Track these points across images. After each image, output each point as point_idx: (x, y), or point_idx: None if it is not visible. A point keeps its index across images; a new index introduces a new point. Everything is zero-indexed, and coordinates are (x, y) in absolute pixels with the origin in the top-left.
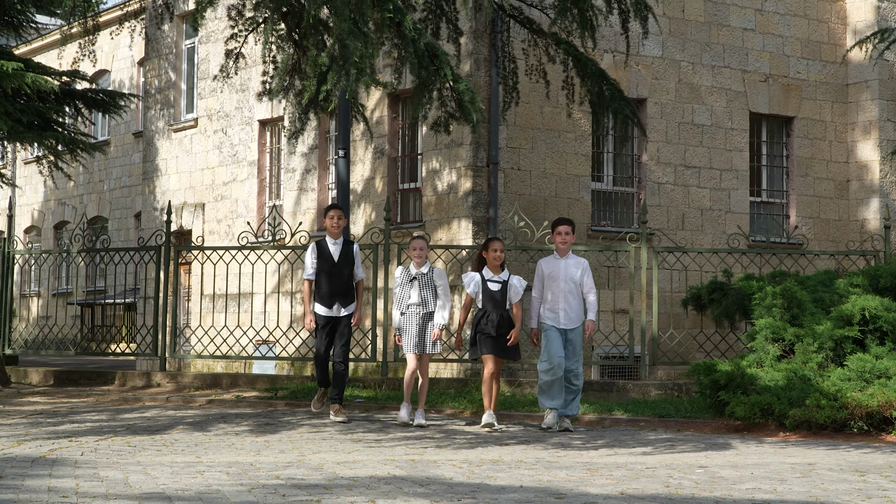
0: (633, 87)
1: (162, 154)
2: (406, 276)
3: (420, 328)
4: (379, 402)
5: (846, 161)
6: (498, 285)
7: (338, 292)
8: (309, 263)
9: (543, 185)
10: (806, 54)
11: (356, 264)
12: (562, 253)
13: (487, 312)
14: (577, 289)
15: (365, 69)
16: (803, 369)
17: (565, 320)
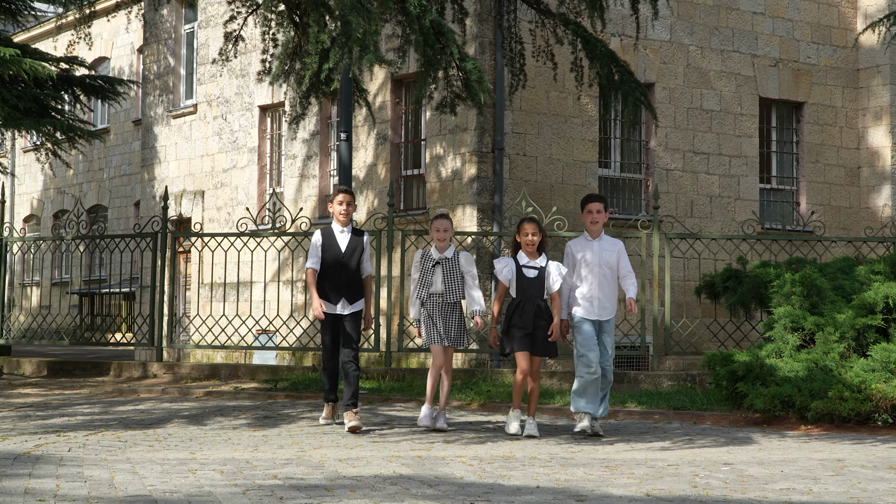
0: (640, 71)
1: (161, 141)
2: (428, 260)
3: (444, 320)
4: (382, 393)
5: (857, 147)
6: (534, 272)
7: (344, 287)
8: (315, 251)
9: (549, 172)
10: (816, 38)
11: (364, 258)
12: (593, 234)
13: (522, 303)
14: (613, 274)
15: (369, 46)
16: (824, 359)
17: (600, 310)
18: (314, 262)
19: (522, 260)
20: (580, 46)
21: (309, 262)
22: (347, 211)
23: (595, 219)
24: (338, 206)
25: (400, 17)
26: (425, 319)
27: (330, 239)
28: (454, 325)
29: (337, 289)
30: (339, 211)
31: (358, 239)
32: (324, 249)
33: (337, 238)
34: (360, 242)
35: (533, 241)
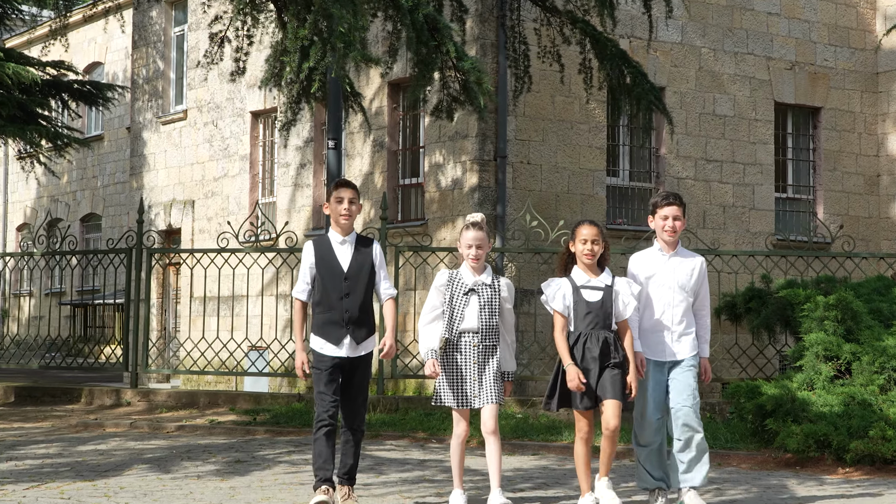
0: (650, 74)
1: (150, 148)
2: (458, 286)
3: (480, 370)
4: (372, 428)
5: (876, 154)
6: (597, 294)
7: (349, 321)
8: (303, 274)
9: (555, 181)
10: (834, 41)
11: (379, 274)
12: (669, 246)
13: (583, 337)
14: (689, 300)
15: (354, 43)
16: (863, 393)
17: (674, 346)
18: (303, 288)
19: (579, 278)
20: (589, 46)
21: (296, 288)
22: (350, 211)
23: (673, 227)
24: (337, 204)
25: (391, 12)
26: (448, 369)
27: (326, 253)
28: (490, 377)
29: (339, 323)
30: (340, 211)
31: (366, 251)
32: (319, 269)
33: (336, 252)
34: (370, 256)
35: (593, 250)
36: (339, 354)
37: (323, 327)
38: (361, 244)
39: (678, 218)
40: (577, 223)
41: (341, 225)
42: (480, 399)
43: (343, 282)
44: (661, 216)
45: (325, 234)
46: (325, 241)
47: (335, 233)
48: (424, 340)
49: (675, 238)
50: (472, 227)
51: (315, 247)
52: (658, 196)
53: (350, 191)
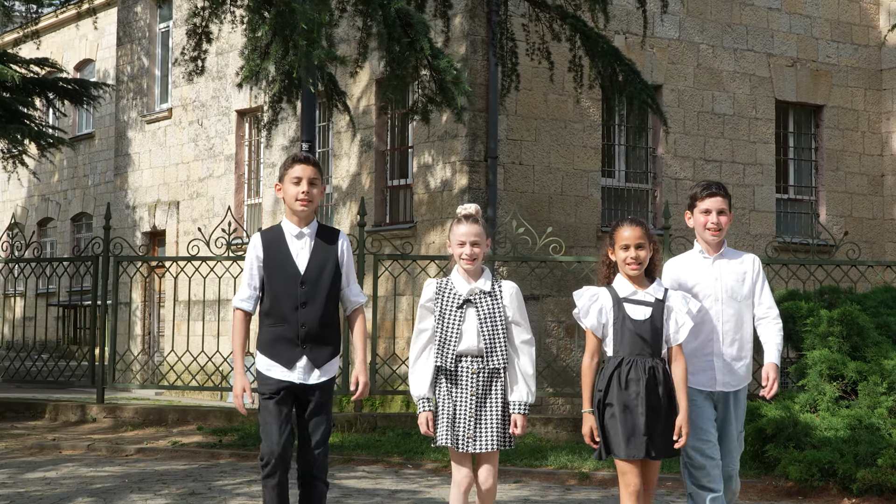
0: (647, 72)
1: (134, 147)
2: (450, 298)
3: (478, 403)
4: (345, 452)
5: (880, 154)
6: (645, 310)
7: (307, 335)
8: (248, 277)
9: (548, 182)
10: (836, 37)
11: (346, 277)
12: (713, 247)
13: (626, 364)
14: (745, 311)
15: (318, 40)
16: (870, 416)
17: (725, 376)
18: (248, 295)
19: (623, 289)
20: (579, 43)
21: (238, 295)
22: (310, 195)
23: (716, 222)
24: (293, 186)
25: (360, 6)
26: (444, 401)
27: (278, 249)
28: (493, 412)
29: (292, 341)
30: (297, 195)
31: (329, 248)
32: (268, 269)
33: (290, 247)
34: (334, 253)
35: (638, 257)
36: (291, 379)
37: (272, 345)
38: (324, 238)
39: (723, 212)
40: (615, 224)
41: (298, 212)
42: (478, 442)
43: (299, 287)
44: (701, 210)
45: (278, 225)
46: (277, 233)
47: (290, 223)
48: (416, 382)
49: (719, 237)
50: (465, 220)
51: (263, 240)
52: (697, 186)
53: (311, 168)
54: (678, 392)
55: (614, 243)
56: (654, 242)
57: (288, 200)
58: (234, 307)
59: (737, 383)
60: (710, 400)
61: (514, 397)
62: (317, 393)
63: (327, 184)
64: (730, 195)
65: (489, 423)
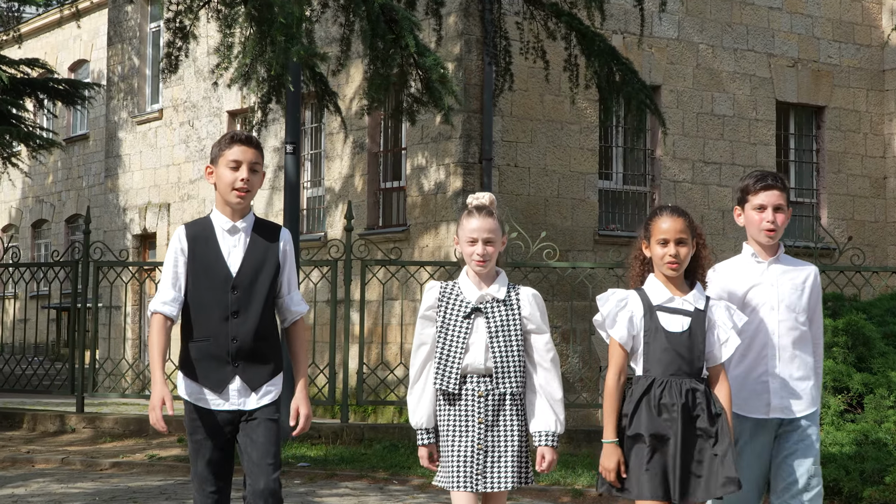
0: (645, 72)
1: (125, 148)
2: (455, 305)
3: (488, 432)
4: (328, 467)
5: (883, 156)
6: (683, 320)
7: (240, 351)
8: (169, 277)
9: (544, 184)
10: (838, 37)
11: (287, 281)
12: (768, 250)
13: (658, 386)
14: (801, 328)
15: (297, 36)
16: (877, 431)
17: (782, 399)
18: (171, 297)
19: (657, 294)
20: (575, 42)
21: (156, 299)
22: (249, 183)
23: (772, 221)
24: (229, 171)
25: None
26: (446, 431)
27: (205, 246)
28: (508, 444)
29: (222, 359)
30: (235, 183)
31: (269, 246)
32: (193, 270)
33: (221, 244)
34: (274, 252)
35: (679, 255)
36: (224, 408)
37: (197, 364)
38: (262, 234)
39: (780, 208)
40: (653, 212)
41: (233, 203)
42: (489, 480)
43: (230, 292)
44: (754, 206)
45: (206, 217)
46: (205, 226)
47: (221, 215)
48: (414, 408)
49: (776, 238)
50: (477, 212)
51: (188, 235)
52: (750, 177)
53: (252, 151)
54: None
55: (650, 236)
56: (698, 238)
57: (221, 188)
58: (151, 311)
59: (799, 408)
60: (764, 433)
61: (539, 426)
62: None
63: (319, 186)
64: (788, 188)
65: (502, 456)
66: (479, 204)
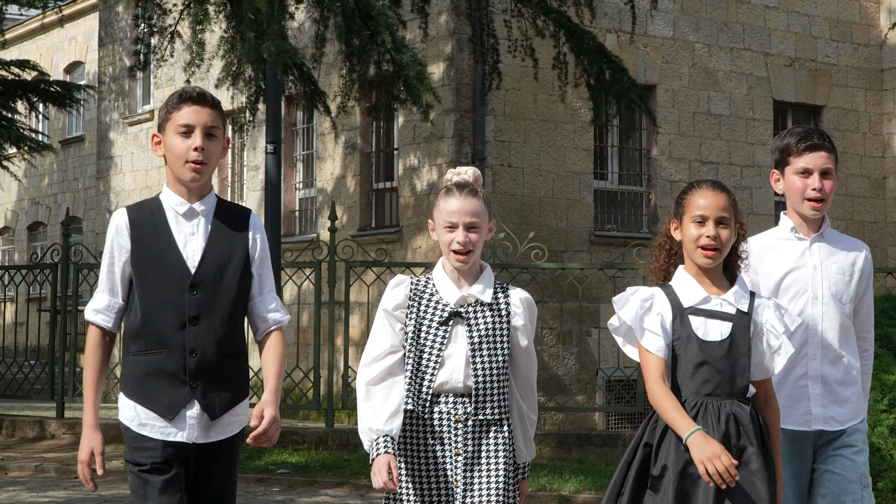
0: (640, 71)
1: (116, 150)
2: (429, 307)
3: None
4: (308, 474)
5: (882, 156)
6: (722, 326)
7: (199, 368)
8: (104, 276)
9: (538, 185)
10: (836, 35)
11: (260, 280)
12: (811, 225)
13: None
14: (849, 320)
15: (267, 32)
16: (870, 435)
17: (826, 408)
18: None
19: (689, 294)
20: (564, 39)
21: (91, 304)
22: (205, 153)
23: (819, 188)
24: (180, 138)
25: None
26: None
27: (153, 235)
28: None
29: (177, 376)
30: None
31: (234, 236)
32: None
33: (175, 231)
34: (243, 242)
35: (719, 237)
36: (177, 439)
37: (143, 384)
38: (227, 220)
39: (829, 173)
40: (689, 186)
41: (187, 180)
42: None
43: (188, 292)
44: (797, 170)
45: (154, 198)
46: (153, 210)
47: (174, 194)
48: (367, 420)
49: (822, 210)
50: (458, 190)
51: (131, 221)
52: (791, 135)
53: (206, 111)
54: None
55: (683, 213)
56: (741, 221)
57: (171, 161)
58: (89, 322)
59: (845, 419)
60: (802, 448)
61: (519, 458)
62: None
63: (312, 187)
64: (836, 148)
65: (486, 491)
66: (461, 181)
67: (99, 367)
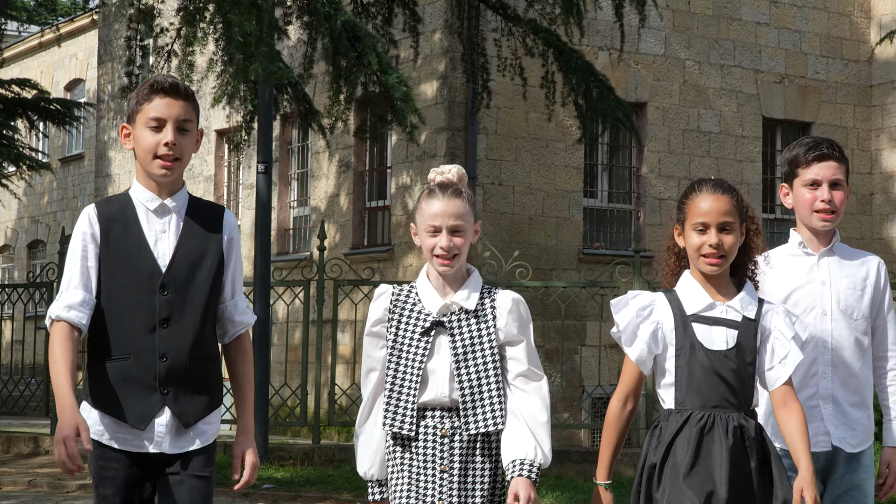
0: (631, 88)
1: (115, 168)
2: (411, 317)
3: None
4: (293, 489)
5: (870, 172)
6: (728, 334)
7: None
8: (75, 271)
9: (528, 203)
10: (826, 52)
11: (232, 283)
12: (821, 238)
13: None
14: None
15: (255, 53)
16: None
17: (839, 429)
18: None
19: (693, 299)
20: (552, 58)
21: (57, 302)
22: (178, 147)
23: (827, 200)
24: (150, 132)
25: (306, 18)
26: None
27: (123, 232)
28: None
29: (146, 383)
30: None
31: (207, 235)
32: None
33: (145, 228)
34: (216, 243)
35: (722, 244)
36: (145, 450)
37: (112, 391)
38: (199, 218)
39: (839, 185)
40: (689, 188)
41: (157, 176)
42: None
43: (158, 293)
44: (805, 181)
45: (124, 193)
46: (123, 206)
47: (144, 189)
48: (362, 454)
49: (833, 223)
50: (441, 191)
51: (100, 216)
52: (799, 146)
53: (178, 104)
54: (797, 451)
55: (684, 219)
56: (749, 222)
57: (140, 155)
58: (50, 318)
59: (857, 441)
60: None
61: (515, 454)
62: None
63: (306, 205)
64: (846, 158)
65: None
66: (445, 181)
67: (70, 361)
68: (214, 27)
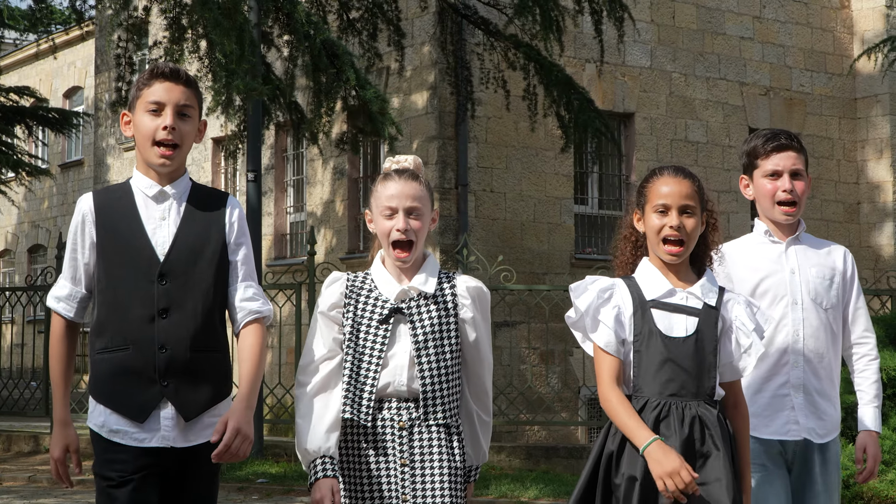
0: (619, 100)
1: (112, 175)
2: (368, 305)
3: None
4: (286, 482)
5: (856, 182)
6: (688, 322)
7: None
8: (68, 261)
9: (520, 209)
10: (810, 66)
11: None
12: (785, 229)
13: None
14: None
15: (238, 71)
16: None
17: (809, 419)
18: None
19: (652, 285)
20: (533, 72)
21: (53, 291)
22: (179, 133)
23: (788, 190)
24: (150, 116)
25: (287, 36)
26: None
27: (120, 220)
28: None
29: (146, 375)
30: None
31: (209, 220)
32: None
33: (143, 216)
34: (218, 227)
35: (683, 227)
36: (153, 445)
37: (111, 384)
38: (201, 204)
39: (799, 174)
40: (650, 173)
41: (155, 163)
42: None
43: (156, 282)
44: (765, 172)
45: (124, 183)
46: (122, 194)
47: (143, 177)
48: (303, 439)
49: (796, 214)
50: (398, 174)
51: (96, 204)
52: (758, 137)
53: (179, 88)
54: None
55: (645, 202)
56: (709, 214)
57: (140, 142)
58: (52, 310)
59: (825, 432)
60: (782, 461)
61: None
62: (195, 466)
63: (302, 211)
64: (805, 149)
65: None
66: (400, 167)
67: (65, 359)
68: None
